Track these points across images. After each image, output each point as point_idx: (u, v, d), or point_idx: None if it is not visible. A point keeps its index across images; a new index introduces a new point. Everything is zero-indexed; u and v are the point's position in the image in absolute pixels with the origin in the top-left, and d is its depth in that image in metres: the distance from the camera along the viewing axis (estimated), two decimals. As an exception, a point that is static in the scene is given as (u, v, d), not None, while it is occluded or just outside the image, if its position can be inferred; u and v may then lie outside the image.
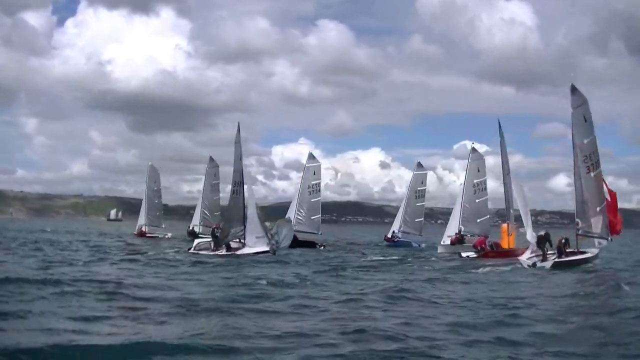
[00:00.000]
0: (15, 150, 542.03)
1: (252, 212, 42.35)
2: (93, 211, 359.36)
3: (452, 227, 50.08)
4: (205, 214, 65.78)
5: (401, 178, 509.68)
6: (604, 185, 34.48)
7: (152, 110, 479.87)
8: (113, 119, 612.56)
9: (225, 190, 60.54)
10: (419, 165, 63.97)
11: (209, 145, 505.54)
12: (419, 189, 61.88)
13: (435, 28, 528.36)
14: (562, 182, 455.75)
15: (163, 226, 70.61)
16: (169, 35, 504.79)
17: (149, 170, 71.93)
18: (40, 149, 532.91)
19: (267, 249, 41.22)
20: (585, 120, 33.76)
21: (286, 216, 53.72)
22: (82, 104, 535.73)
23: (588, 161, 33.27)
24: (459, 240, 48.78)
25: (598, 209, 33.25)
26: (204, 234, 61.37)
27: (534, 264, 31.82)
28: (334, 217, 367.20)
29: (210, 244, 42.78)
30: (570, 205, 36.74)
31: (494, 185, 49.78)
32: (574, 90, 34.38)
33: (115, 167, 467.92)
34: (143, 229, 69.34)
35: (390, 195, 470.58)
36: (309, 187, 57.41)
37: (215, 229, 48.57)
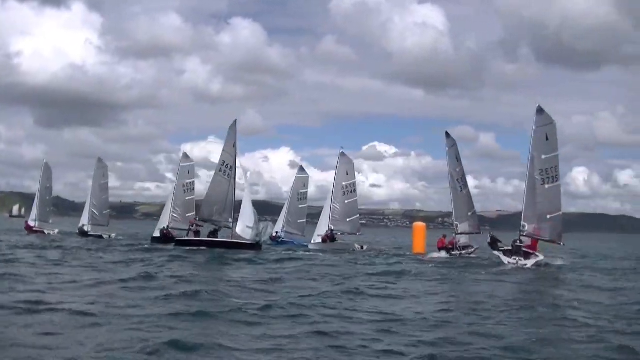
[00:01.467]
0: None
1: (247, 200, 44.16)
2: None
3: (323, 227, 52.77)
4: (94, 213, 66.85)
5: (310, 178, 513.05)
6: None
7: (61, 105, 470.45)
8: (19, 112, 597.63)
9: (116, 188, 61.53)
10: (301, 168, 66.06)
11: (119, 141, 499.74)
12: (300, 191, 63.20)
13: (348, 29, 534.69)
14: (469, 184, 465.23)
15: (51, 222, 71.04)
16: (79, 29, 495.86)
17: (43, 167, 72.49)
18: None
19: (250, 240, 43.18)
20: (547, 139, 37.98)
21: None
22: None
23: (544, 174, 37.52)
24: (330, 238, 51.56)
25: (549, 216, 37.63)
26: (93, 234, 63.47)
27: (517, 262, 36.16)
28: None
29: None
30: (479, 208, 42.83)
31: (402, 187, 51.53)
32: (540, 111, 38.50)
33: (21, 163, 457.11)
34: (30, 223, 70.69)
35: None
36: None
37: (192, 226, 49.66)
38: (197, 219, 44.61)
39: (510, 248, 37.64)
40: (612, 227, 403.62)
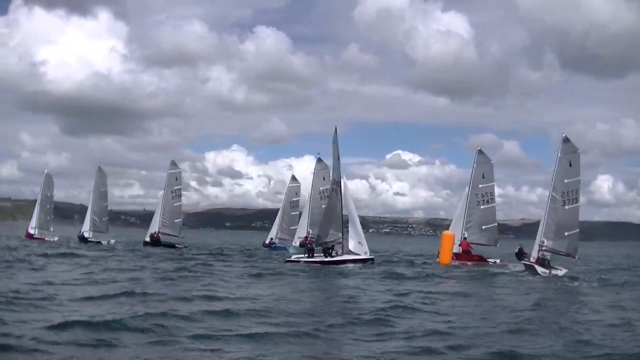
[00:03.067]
0: None
1: (354, 216, 43.27)
2: (22, 215, 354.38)
3: (302, 230, 54.12)
4: (95, 220, 68.93)
5: (301, 187, 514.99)
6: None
7: (85, 113, 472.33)
8: (45, 121, 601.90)
9: (140, 196, 63.49)
10: (293, 178, 68.03)
11: (143, 150, 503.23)
12: (293, 199, 65.58)
13: (371, 37, 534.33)
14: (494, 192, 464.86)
15: (52, 230, 72.66)
16: (104, 38, 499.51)
17: (44, 178, 74.45)
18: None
19: (369, 256, 42.66)
20: (570, 165, 42.17)
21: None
22: (13, 105, 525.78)
23: (565, 196, 41.61)
24: (310, 243, 52.92)
25: (566, 233, 41.38)
26: (93, 240, 65.62)
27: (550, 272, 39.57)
28: (266, 224, 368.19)
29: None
30: (499, 216, 48.11)
31: (426, 195, 52.17)
32: (566, 140, 42.55)
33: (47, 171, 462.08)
34: (30, 231, 72.81)
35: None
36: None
37: (309, 244, 47.18)
38: (309, 237, 44.00)
39: (532, 261, 41.27)
40: (637, 236, 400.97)
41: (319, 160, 56.24)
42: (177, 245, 60.88)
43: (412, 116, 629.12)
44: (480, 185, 51.11)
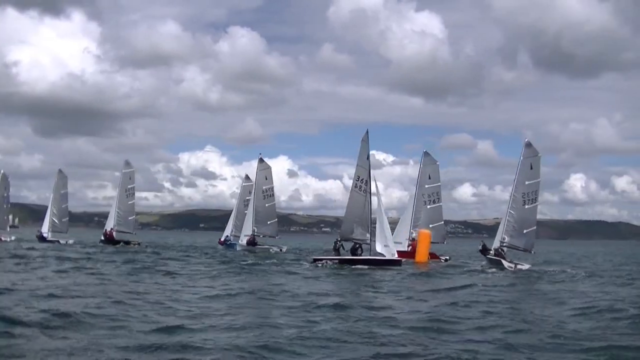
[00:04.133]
0: None
1: (383, 217, 42.16)
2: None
3: (247, 229, 55.03)
4: (54, 221, 69.94)
5: (308, 187, 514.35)
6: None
7: (59, 114, 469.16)
8: (17, 122, 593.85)
9: (114, 198, 64.20)
10: (247, 177, 68.35)
11: (117, 150, 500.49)
12: (246, 198, 64.99)
13: (346, 37, 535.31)
14: (467, 191, 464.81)
15: (8, 229, 73.28)
16: (77, 38, 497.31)
17: (0, 178, 74.43)
18: None
19: (397, 258, 41.52)
20: (531, 168, 44.93)
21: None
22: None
23: (526, 197, 44.55)
24: (253, 241, 54.05)
25: (525, 231, 44.38)
26: (52, 240, 66.36)
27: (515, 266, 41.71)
28: (238, 224, 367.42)
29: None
30: (473, 215, 49.18)
31: (400, 195, 52.39)
32: (529, 145, 45.51)
33: (19, 172, 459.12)
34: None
35: (297, 204, 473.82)
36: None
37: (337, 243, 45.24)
38: (340, 238, 43.44)
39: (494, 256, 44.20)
40: (610, 234, 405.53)
41: (261, 160, 57.14)
42: (132, 242, 61.64)
43: (386, 116, 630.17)
44: (426, 186, 51.90)
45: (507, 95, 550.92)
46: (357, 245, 42.39)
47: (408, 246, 49.85)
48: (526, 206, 44.39)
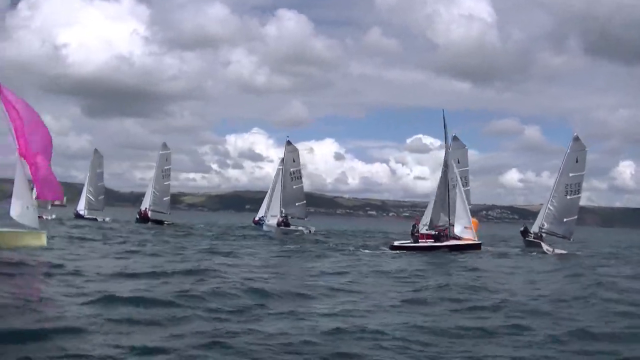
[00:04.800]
0: None
1: (461, 199, 42.83)
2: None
3: (274, 210, 55.87)
4: (90, 199, 71.70)
5: (354, 170, 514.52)
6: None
7: (107, 96, 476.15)
8: (66, 103, 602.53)
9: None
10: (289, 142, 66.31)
11: (164, 132, 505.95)
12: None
13: (393, 21, 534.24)
14: (513, 177, 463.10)
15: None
16: (126, 20, 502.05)
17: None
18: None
19: (477, 241, 42.39)
20: (577, 162, 47.15)
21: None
22: (35, 87, 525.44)
23: (569, 188, 46.85)
24: (284, 222, 54.79)
25: (565, 219, 46.82)
26: (89, 217, 68.07)
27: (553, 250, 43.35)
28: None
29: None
30: (520, 201, 50.37)
31: None
32: (577, 139, 47.48)
33: (67, 153, 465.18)
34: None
35: (343, 187, 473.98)
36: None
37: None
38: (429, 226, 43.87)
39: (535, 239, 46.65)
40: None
41: (289, 142, 57.86)
42: (166, 222, 62.97)
43: (433, 101, 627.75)
44: (455, 170, 52.15)
45: (554, 80, 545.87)
46: (441, 232, 42.50)
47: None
48: (568, 197, 46.76)
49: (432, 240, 41.78)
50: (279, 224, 54.49)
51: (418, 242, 41.65)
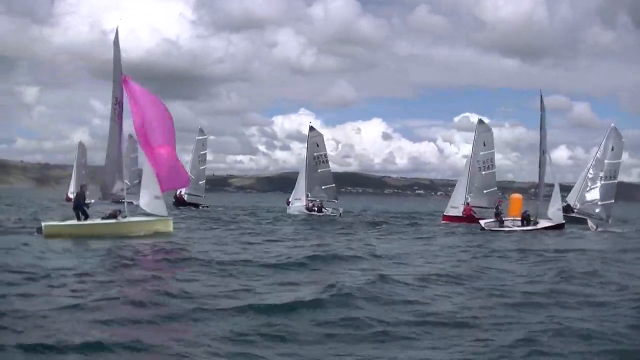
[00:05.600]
0: (15, 120, 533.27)
1: (556, 181, 44.63)
2: (94, 181, 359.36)
3: (299, 193, 56.41)
4: (127, 184, 72.75)
5: (402, 150, 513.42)
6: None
7: (155, 79, 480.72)
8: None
9: (209, 161, 66.12)
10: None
11: (211, 114, 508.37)
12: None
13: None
14: (562, 154, 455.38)
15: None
16: (173, 4, 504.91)
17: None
18: (41, 118, 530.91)
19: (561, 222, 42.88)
20: (613, 149, 49.17)
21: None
22: (84, 72, 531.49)
23: (608, 173, 48.99)
24: (318, 207, 55.23)
25: (600, 203, 48.70)
26: (126, 201, 69.05)
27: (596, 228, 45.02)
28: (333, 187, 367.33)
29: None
30: (569, 178, 50.77)
31: (495, 157, 51.81)
32: (614, 129, 49.78)
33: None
34: (70, 196, 75.30)
35: (391, 167, 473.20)
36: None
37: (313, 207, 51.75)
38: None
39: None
40: None
41: (311, 128, 57.97)
42: (201, 205, 64.01)
43: (481, 79, 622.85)
44: (481, 153, 52.21)
45: (603, 56, 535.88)
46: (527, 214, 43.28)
47: (462, 212, 50.35)
48: (604, 182, 48.80)
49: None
50: (310, 209, 54.67)
51: (503, 224, 42.65)
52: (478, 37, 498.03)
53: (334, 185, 58.09)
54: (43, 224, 27.74)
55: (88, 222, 28.33)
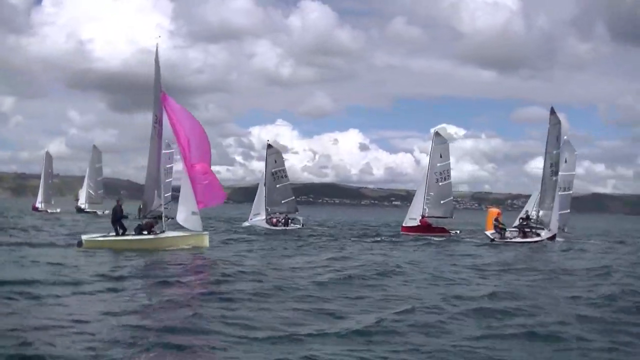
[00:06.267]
0: None
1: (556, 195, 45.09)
2: (70, 191, 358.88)
3: (258, 209, 57.05)
4: (90, 193, 74.39)
5: (379, 160, 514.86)
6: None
7: (132, 90, 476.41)
8: (92, 98, 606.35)
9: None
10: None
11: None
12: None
13: (417, 10, 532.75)
14: (539, 165, 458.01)
15: (52, 202, 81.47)
16: (150, 14, 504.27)
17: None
18: (16, 128, 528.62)
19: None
20: (566, 162, 49.54)
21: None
22: (61, 83, 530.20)
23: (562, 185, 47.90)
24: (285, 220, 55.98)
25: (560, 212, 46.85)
26: (89, 211, 70.47)
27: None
28: (311, 199, 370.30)
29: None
30: None
31: (471, 169, 53.32)
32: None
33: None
34: (37, 205, 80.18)
35: (368, 177, 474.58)
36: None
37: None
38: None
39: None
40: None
41: (269, 146, 58.22)
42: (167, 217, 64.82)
43: (458, 90, 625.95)
44: (438, 164, 53.38)
45: (580, 67, 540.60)
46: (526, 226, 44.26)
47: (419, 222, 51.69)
48: (562, 192, 47.82)
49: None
50: (275, 224, 54.72)
51: (504, 236, 43.35)
52: (455, 49, 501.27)
53: (293, 197, 58.68)
54: (83, 238, 29.03)
55: (126, 236, 29.63)
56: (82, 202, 76.01)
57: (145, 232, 30.41)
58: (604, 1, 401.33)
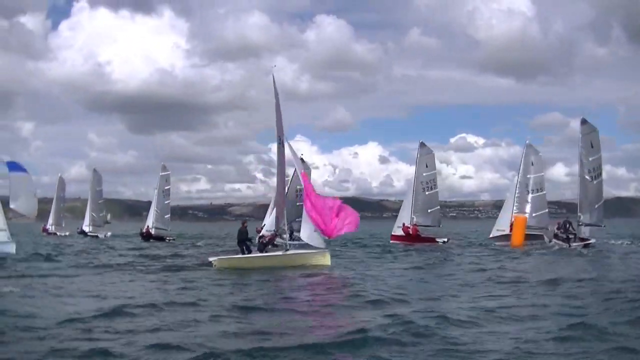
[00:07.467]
0: (11, 155, 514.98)
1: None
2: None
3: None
4: (93, 216, 76.84)
5: (399, 172, 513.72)
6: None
7: (151, 110, 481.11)
8: (111, 120, 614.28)
9: (207, 190, 68.12)
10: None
11: (208, 143, 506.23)
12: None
13: (433, 20, 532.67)
14: (560, 171, 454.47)
15: (63, 225, 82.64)
16: (166, 34, 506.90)
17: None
18: (37, 153, 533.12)
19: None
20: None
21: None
22: (80, 105, 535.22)
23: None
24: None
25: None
26: (92, 234, 72.80)
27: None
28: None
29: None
30: (568, 196, 50.56)
31: (492, 177, 53.42)
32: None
33: (114, 169, 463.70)
34: (47, 227, 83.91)
35: (389, 190, 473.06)
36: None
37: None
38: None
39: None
40: None
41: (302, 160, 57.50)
42: (167, 238, 66.64)
43: (476, 98, 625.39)
44: (424, 174, 55.32)
45: (599, 71, 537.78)
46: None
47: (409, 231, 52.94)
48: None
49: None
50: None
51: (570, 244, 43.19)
52: (472, 57, 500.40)
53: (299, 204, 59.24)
54: (214, 258, 31.04)
55: (252, 255, 31.67)
56: (86, 225, 77.76)
57: (269, 247, 32.83)
58: (619, 4, 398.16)
